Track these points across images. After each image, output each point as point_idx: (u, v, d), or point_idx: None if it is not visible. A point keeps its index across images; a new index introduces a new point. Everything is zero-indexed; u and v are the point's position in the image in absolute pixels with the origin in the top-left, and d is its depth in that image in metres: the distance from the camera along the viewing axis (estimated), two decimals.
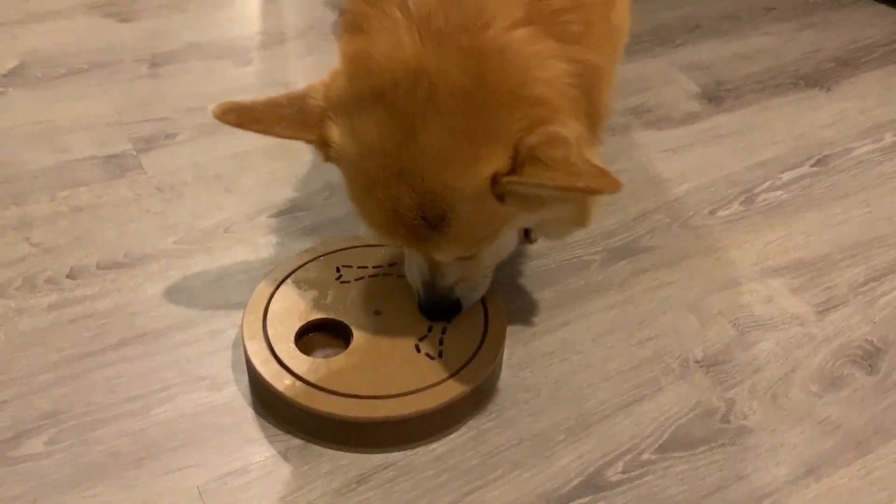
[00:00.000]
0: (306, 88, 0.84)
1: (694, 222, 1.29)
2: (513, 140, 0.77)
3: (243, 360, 0.98)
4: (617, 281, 1.17)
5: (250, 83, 1.59)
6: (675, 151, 1.46)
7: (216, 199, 1.28)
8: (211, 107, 0.83)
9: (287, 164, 1.37)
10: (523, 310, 1.10)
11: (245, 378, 0.99)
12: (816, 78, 1.69)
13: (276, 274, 1.05)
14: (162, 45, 1.69)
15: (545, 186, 0.77)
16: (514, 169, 0.78)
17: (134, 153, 1.37)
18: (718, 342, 1.08)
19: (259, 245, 1.20)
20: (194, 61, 1.65)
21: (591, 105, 0.87)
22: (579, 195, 0.85)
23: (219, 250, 1.18)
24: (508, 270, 1.17)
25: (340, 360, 0.94)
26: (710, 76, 1.70)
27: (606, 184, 0.76)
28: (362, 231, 1.08)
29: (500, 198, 0.80)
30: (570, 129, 0.79)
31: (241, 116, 0.83)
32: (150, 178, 1.31)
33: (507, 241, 0.97)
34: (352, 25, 0.83)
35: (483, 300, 1.01)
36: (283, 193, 1.30)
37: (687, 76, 1.70)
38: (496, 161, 0.78)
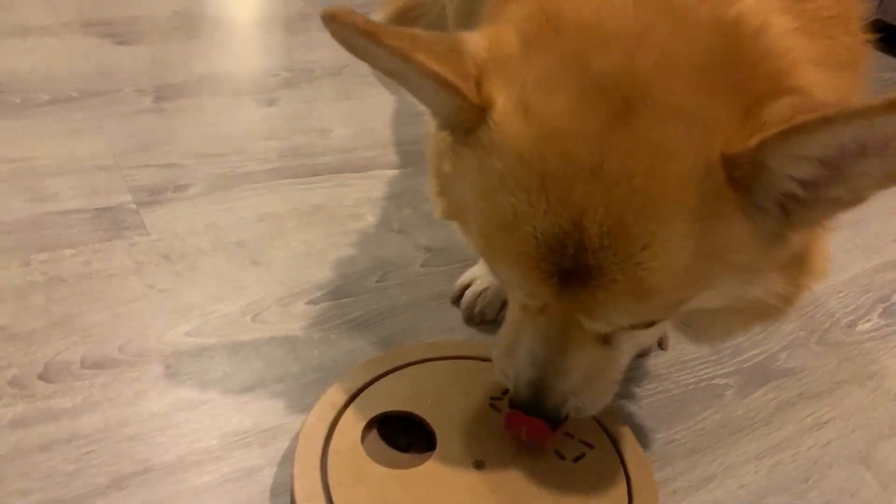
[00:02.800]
0: (462, 35, 0.60)
1: (833, 337, 1.05)
2: (758, 119, 0.54)
3: None
4: (762, 417, 0.91)
5: (276, 127, 1.32)
6: None
7: (240, 275, 0.99)
8: (324, 9, 0.55)
9: (326, 233, 1.09)
10: (652, 456, 0.84)
11: None
12: None
13: (334, 395, 0.77)
14: (169, 74, 1.42)
15: (811, 128, 0.50)
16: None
17: (134, 207, 1.08)
18: None
19: (297, 342, 0.91)
20: (207, 97, 1.38)
21: None
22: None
23: (246, 348, 0.90)
24: (621, 395, 0.90)
25: None
26: None
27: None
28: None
29: (742, 189, 0.54)
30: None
31: (368, 25, 0.55)
32: (155, 241, 1.03)
33: (665, 324, 0.69)
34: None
35: (625, 466, 0.73)
36: (324, 271, 1.03)
37: None
38: (731, 140, 0.54)
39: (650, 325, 0.64)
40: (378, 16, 1.53)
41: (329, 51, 1.58)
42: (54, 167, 1.14)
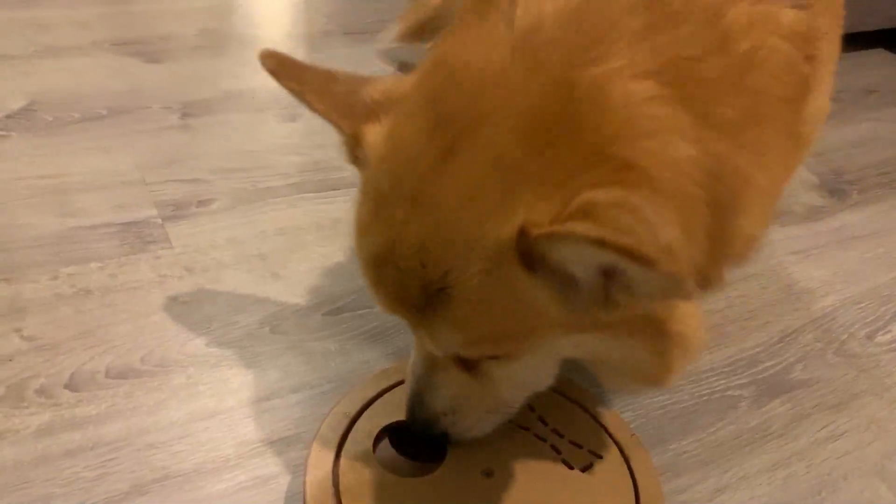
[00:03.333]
0: (374, 77, 0.69)
1: (851, 349, 1.04)
2: (572, 194, 0.54)
3: None
4: (776, 428, 0.91)
5: (297, 143, 1.35)
6: (808, 254, 1.22)
7: (260, 288, 1.02)
8: (261, 50, 0.68)
9: (345, 246, 1.11)
10: (663, 467, 0.84)
11: None
12: None
13: (348, 405, 0.79)
14: (195, 92, 1.46)
15: (581, 238, 0.51)
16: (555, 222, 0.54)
17: (159, 221, 1.11)
18: None
19: (314, 353, 0.93)
20: (232, 113, 1.41)
21: (718, 225, 0.61)
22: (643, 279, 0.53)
23: (263, 358, 0.92)
24: (634, 408, 0.91)
25: None
26: (825, 164, 1.47)
27: (672, 264, 0.49)
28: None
29: (529, 265, 0.55)
30: (660, 215, 0.54)
31: (281, 66, 0.68)
32: (179, 255, 1.06)
33: (537, 366, 0.68)
34: (451, 30, 0.68)
35: (633, 476, 0.74)
36: (342, 283, 1.05)
37: None
38: (538, 211, 0.55)
39: (492, 357, 0.65)
40: (396, 28, 1.56)
41: (349, 67, 1.60)
42: (83, 183, 1.17)
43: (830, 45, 0.73)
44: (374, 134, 0.64)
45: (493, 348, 0.63)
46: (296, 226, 1.14)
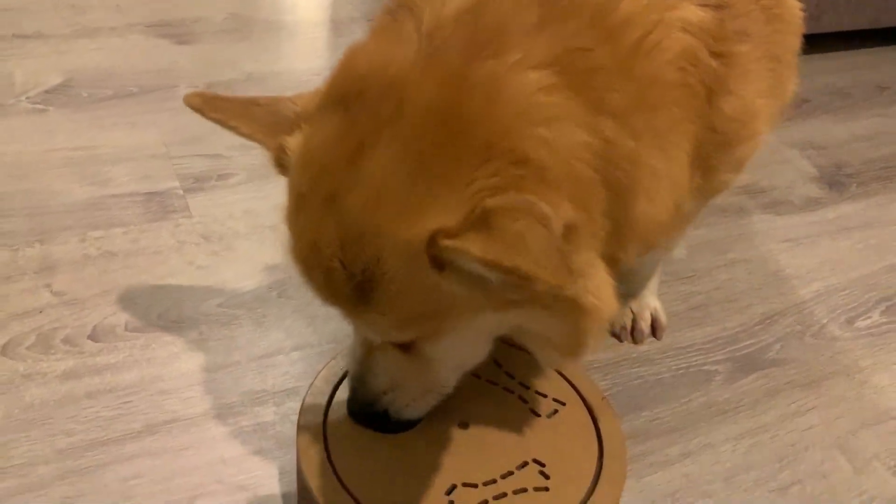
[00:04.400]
0: (295, 95, 0.72)
1: (829, 332, 1.09)
2: (473, 198, 0.58)
3: (293, 468, 0.78)
4: (747, 402, 0.96)
5: None
6: (799, 243, 1.26)
7: (271, 256, 1.09)
8: (186, 94, 0.72)
9: None
10: (634, 431, 0.90)
11: (295, 492, 0.79)
12: None
13: (340, 363, 0.86)
14: (220, 72, 1.53)
15: (476, 259, 0.55)
16: (458, 232, 0.57)
17: (181, 192, 1.19)
18: (878, 496, 0.87)
19: (317, 316, 1.01)
20: (254, 94, 1.48)
21: (618, 208, 0.65)
22: (525, 284, 0.56)
23: (270, 319, 0.99)
24: (613, 377, 0.97)
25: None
26: (827, 158, 1.51)
27: (561, 278, 0.54)
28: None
29: (438, 266, 0.60)
30: (556, 209, 0.58)
31: (205, 103, 0.72)
32: (197, 223, 1.14)
33: (466, 343, 0.71)
34: (367, 32, 0.71)
35: (595, 421, 0.80)
36: None
37: (801, 155, 1.51)
38: (444, 217, 0.58)
39: (417, 347, 0.69)
40: None
41: None
42: (113, 155, 1.26)
43: (763, 48, 0.74)
44: (294, 142, 0.67)
45: (419, 330, 0.67)
46: None
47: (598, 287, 0.64)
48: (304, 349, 0.96)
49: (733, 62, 0.70)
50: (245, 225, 1.15)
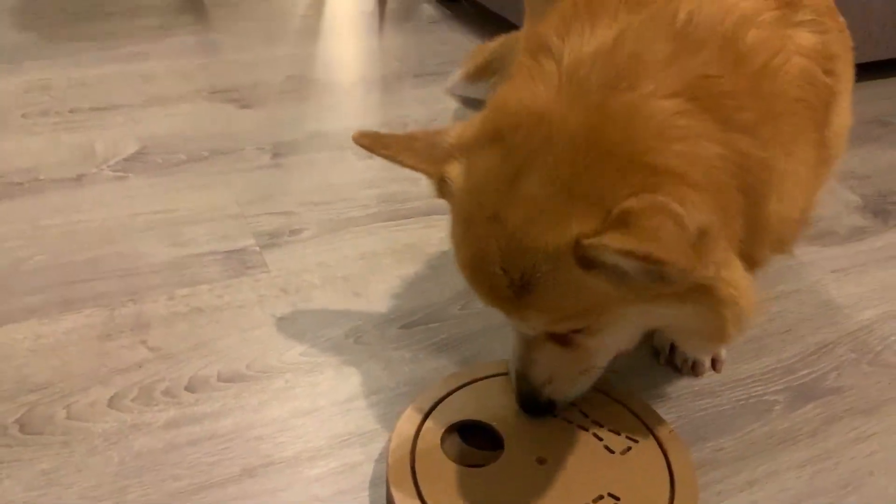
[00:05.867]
0: (445, 127, 0.83)
1: (885, 359, 1.12)
2: (613, 203, 0.68)
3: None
4: (807, 430, 1.00)
5: (376, 176, 1.51)
6: (847, 273, 1.30)
7: (345, 305, 1.17)
8: (353, 133, 0.85)
9: (417, 269, 1.26)
10: (700, 462, 0.94)
11: None
12: None
13: (421, 403, 0.92)
14: (283, 133, 1.64)
15: (614, 251, 0.65)
16: (599, 233, 0.68)
17: (257, 249, 1.28)
18: None
19: (392, 360, 1.07)
20: (317, 152, 1.58)
21: (753, 210, 0.75)
22: (668, 274, 0.66)
23: (349, 365, 1.06)
24: (678, 410, 1.01)
25: None
26: (871, 187, 1.54)
27: (690, 263, 0.63)
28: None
29: (585, 265, 0.70)
30: (692, 209, 0.66)
31: (374, 141, 0.84)
32: (275, 277, 1.22)
33: (617, 333, 0.81)
34: (510, 76, 0.82)
35: (665, 453, 0.85)
36: (415, 301, 1.19)
37: (843, 185, 1.54)
38: (588, 224, 0.69)
39: (577, 331, 0.79)
40: (462, 70, 1.72)
41: (420, 106, 1.77)
42: (191, 217, 1.35)
43: (845, 66, 0.86)
44: (455, 171, 0.79)
45: (575, 324, 0.78)
46: (374, 251, 1.29)
47: (736, 280, 0.73)
48: (381, 393, 1.02)
49: (835, 77, 0.81)
50: (319, 276, 1.22)
